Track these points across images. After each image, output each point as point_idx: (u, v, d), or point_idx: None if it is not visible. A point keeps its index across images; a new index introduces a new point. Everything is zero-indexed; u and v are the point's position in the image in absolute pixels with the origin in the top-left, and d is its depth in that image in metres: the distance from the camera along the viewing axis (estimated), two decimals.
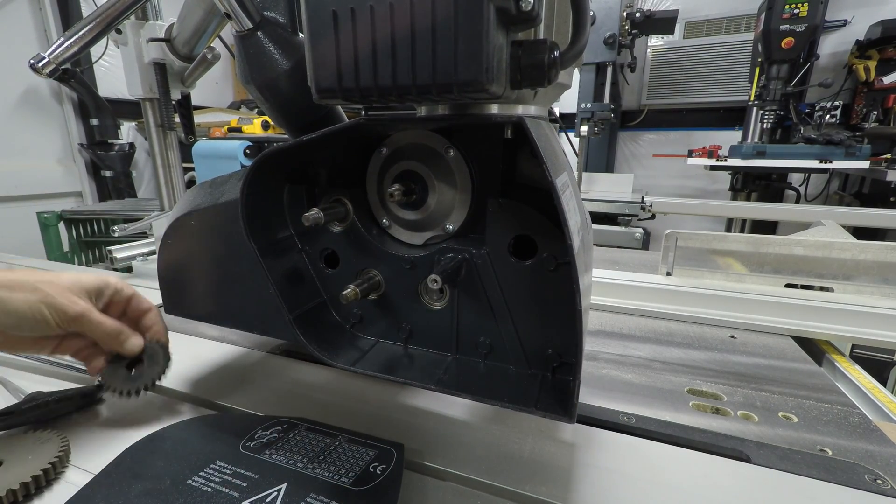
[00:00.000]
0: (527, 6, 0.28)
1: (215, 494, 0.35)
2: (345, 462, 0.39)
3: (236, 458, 0.39)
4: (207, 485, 0.36)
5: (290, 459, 0.39)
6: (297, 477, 0.37)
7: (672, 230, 0.89)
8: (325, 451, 0.40)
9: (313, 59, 0.32)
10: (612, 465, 0.41)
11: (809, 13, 2.41)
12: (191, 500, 0.35)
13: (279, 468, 0.38)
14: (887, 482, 0.40)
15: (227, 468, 0.38)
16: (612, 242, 2.27)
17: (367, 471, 0.38)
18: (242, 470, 0.38)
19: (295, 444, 0.41)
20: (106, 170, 2.82)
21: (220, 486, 0.36)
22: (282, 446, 0.41)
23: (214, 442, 0.42)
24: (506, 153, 0.39)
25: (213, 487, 0.36)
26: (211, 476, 0.37)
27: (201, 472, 0.37)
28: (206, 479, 0.37)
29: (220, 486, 0.36)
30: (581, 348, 0.32)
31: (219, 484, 0.36)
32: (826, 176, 3.14)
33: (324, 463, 0.39)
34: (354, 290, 0.42)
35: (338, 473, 0.38)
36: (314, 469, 0.38)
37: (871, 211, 2.17)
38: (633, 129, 3.74)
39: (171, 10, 0.93)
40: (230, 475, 0.37)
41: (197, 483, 0.36)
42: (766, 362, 0.65)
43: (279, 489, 0.36)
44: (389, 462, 0.39)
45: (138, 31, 0.96)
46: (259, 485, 0.36)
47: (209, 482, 0.36)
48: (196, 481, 0.36)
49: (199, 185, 0.51)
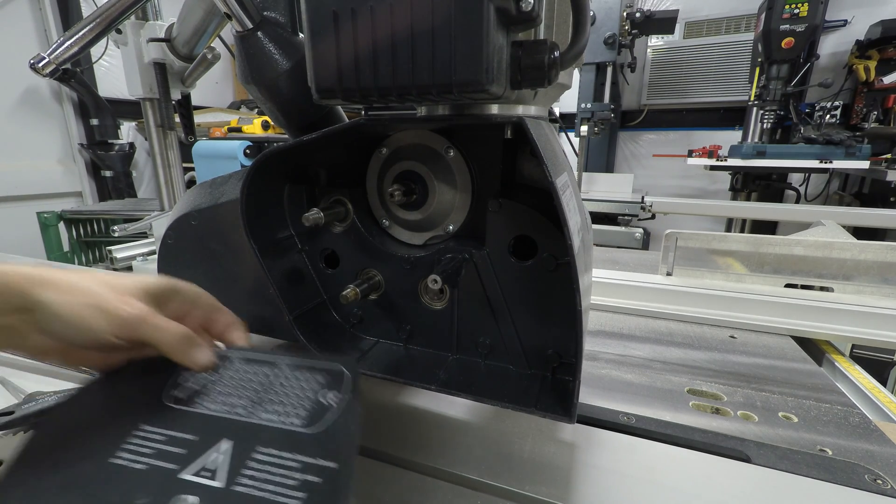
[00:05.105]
0: (527, 6, 0.28)
1: (149, 472, 0.29)
2: (291, 397, 0.33)
3: (163, 416, 0.33)
4: (137, 460, 0.30)
5: (228, 405, 0.33)
6: (240, 428, 0.31)
7: (672, 230, 0.89)
8: (266, 386, 0.35)
9: (313, 59, 0.32)
10: (612, 465, 0.41)
11: (809, 13, 2.41)
12: (121, 485, 0.28)
13: (217, 420, 0.32)
14: (887, 482, 0.40)
15: (155, 432, 0.31)
16: (612, 242, 2.27)
17: (318, 403, 0.32)
18: (174, 431, 0.31)
19: (232, 384, 0.35)
20: (106, 170, 2.82)
21: (152, 459, 0.30)
22: (216, 389, 0.35)
23: (133, 400, 0.35)
24: (506, 153, 0.39)
25: (145, 462, 0.29)
26: (138, 447, 0.31)
27: (125, 443, 0.31)
28: (134, 452, 0.30)
29: (153, 458, 0.30)
30: (581, 348, 0.32)
31: (150, 456, 0.30)
32: (826, 176, 3.14)
33: (267, 403, 0.33)
34: (354, 290, 0.42)
35: (285, 414, 0.32)
36: (258, 413, 0.32)
37: (871, 211, 2.16)
38: (633, 129, 3.74)
39: (171, 10, 0.93)
40: (161, 441, 0.31)
41: (123, 460, 0.30)
42: (766, 362, 0.65)
43: (223, 448, 0.30)
44: (341, 387, 0.33)
45: (138, 31, 0.96)
46: (198, 447, 0.30)
47: (139, 456, 0.30)
48: (122, 458, 0.30)
49: (199, 185, 0.51)
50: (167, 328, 0.37)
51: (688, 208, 2.63)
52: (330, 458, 0.29)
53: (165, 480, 0.28)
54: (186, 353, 0.37)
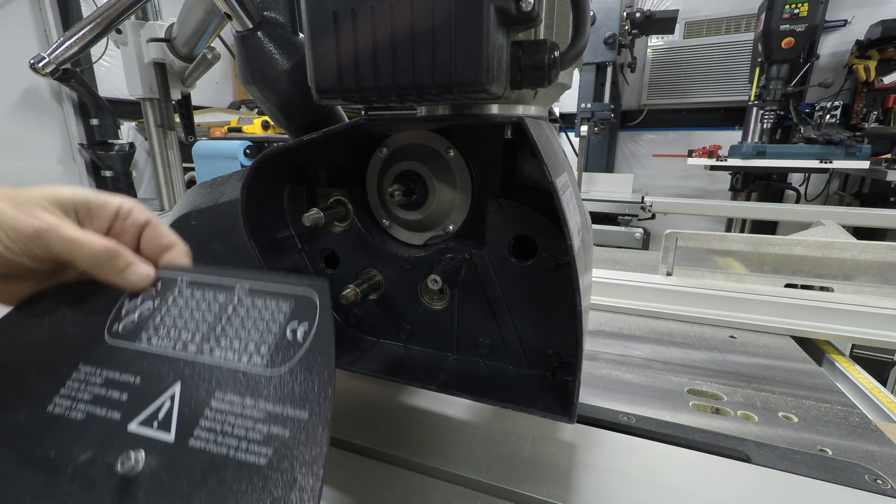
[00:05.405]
0: (527, 6, 0.28)
1: (88, 422, 0.25)
2: (251, 331, 0.28)
3: (106, 355, 0.28)
4: (75, 409, 0.26)
5: (178, 341, 0.28)
6: (191, 369, 0.27)
7: (672, 230, 0.89)
8: (222, 316, 0.29)
9: (313, 59, 0.32)
10: (612, 465, 0.41)
11: (809, 13, 2.41)
12: (59, 438, 0.25)
13: (163, 359, 0.28)
14: (887, 482, 0.40)
15: (95, 374, 0.27)
16: (612, 242, 2.27)
17: (285, 338, 0.27)
18: (117, 373, 0.27)
19: (179, 314, 0.30)
20: (106, 170, 2.82)
21: (92, 407, 0.26)
22: (162, 321, 0.29)
23: (72, 334, 0.30)
24: (506, 153, 0.39)
25: (84, 411, 0.26)
26: (77, 393, 0.27)
27: (63, 387, 0.27)
28: (72, 398, 0.27)
29: (93, 405, 0.26)
30: (581, 348, 0.32)
31: (90, 403, 0.26)
32: (826, 176, 3.14)
33: (224, 337, 0.28)
34: (354, 290, 0.42)
35: (246, 352, 0.27)
36: (212, 350, 0.28)
37: (871, 211, 2.16)
38: (633, 129, 3.74)
39: (171, 10, 0.93)
40: (101, 385, 0.27)
41: (61, 408, 0.26)
42: (766, 362, 0.65)
43: (171, 394, 0.26)
44: (312, 317, 0.28)
45: (138, 31, 0.96)
46: (143, 393, 0.26)
47: (77, 403, 0.26)
48: (59, 406, 0.26)
49: (199, 185, 0.51)
50: (85, 240, 0.30)
51: (688, 208, 2.63)
52: (298, 405, 0.25)
53: (108, 433, 0.25)
54: (114, 269, 0.31)
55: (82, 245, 0.30)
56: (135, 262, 0.32)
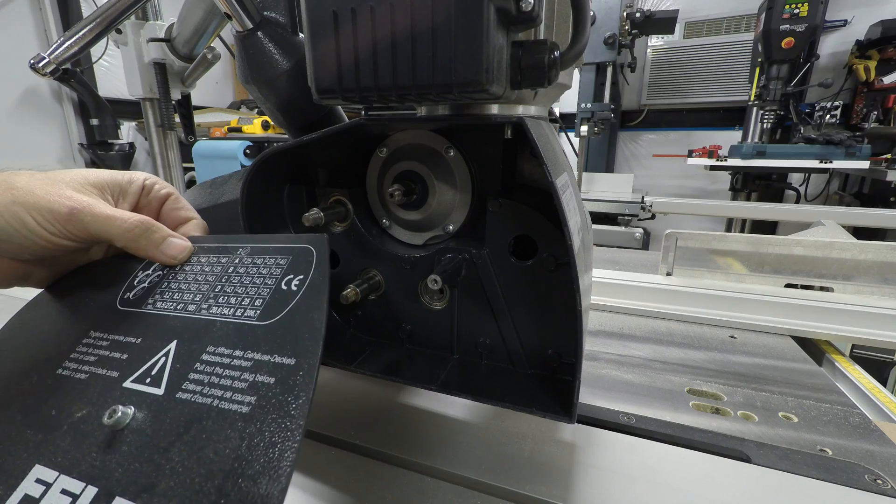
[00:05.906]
0: (527, 6, 0.28)
1: (90, 381, 0.27)
2: (248, 286, 0.29)
3: (114, 321, 0.30)
4: (80, 370, 0.28)
5: (179, 302, 0.30)
6: (188, 326, 0.28)
7: (672, 230, 0.89)
8: (223, 277, 0.30)
9: (313, 59, 0.32)
10: (612, 465, 0.41)
11: (809, 13, 2.41)
12: (61, 397, 0.26)
13: (165, 320, 0.29)
14: (887, 482, 0.40)
15: (103, 338, 0.29)
16: (612, 242, 2.28)
17: (280, 290, 0.28)
18: (121, 336, 0.29)
19: (185, 279, 0.31)
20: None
21: (95, 368, 0.28)
22: (168, 286, 0.31)
23: (89, 305, 0.32)
24: (506, 153, 0.39)
25: (87, 371, 0.28)
26: (84, 356, 0.28)
27: (74, 352, 0.29)
28: (79, 361, 0.28)
29: (96, 366, 0.28)
30: (581, 348, 0.32)
31: (94, 364, 0.28)
32: (826, 176, 3.14)
33: (222, 295, 0.29)
34: (354, 290, 0.42)
35: (241, 306, 0.28)
36: (210, 308, 0.29)
37: (871, 211, 2.16)
38: (633, 129, 3.74)
39: (171, 10, 0.93)
40: (107, 347, 0.28)
41: (68, 371, 0.28)
42: (766, 362, 0.65)
43: (166, 351, 0.27)
44: (308, 269, 0.28)
45: (138, 31, 0.96)
46: (141, 352, 0.27)
47: (83, 365, 0.28)
48: (67, 368, 0.28)
49: (199, 185, 0.51)
50: (119, 216, 0.31)
51: (688, 208, 2.63)
52: (287, 353, 0.25)
53: (105, 390, 0.26)
54: (150, 243, 0.32)
55: (116, 221, 0.31)
56: (171, 235, 0.33)
